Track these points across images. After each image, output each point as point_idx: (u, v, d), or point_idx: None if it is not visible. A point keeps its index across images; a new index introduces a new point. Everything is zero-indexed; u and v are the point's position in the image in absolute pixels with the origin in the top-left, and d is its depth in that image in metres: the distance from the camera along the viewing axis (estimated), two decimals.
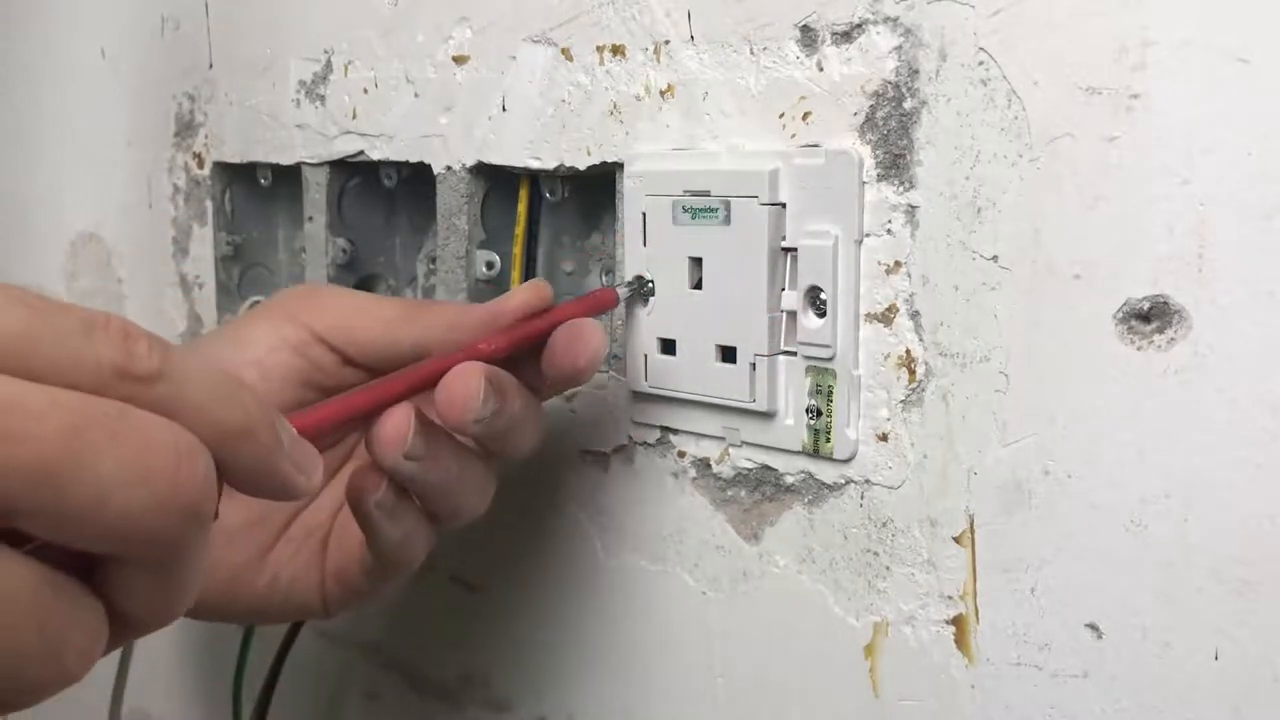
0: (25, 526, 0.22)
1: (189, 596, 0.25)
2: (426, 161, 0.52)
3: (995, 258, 0.36)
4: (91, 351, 0.23)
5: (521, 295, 0.39)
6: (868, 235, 0.38)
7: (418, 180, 0.54)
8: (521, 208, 0.50)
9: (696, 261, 0.42)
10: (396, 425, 0.35)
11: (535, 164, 0.48)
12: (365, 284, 0.59)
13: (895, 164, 0.37)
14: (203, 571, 0.25)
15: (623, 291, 0.43)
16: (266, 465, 0.26)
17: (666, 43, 0.43)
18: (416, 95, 0.52)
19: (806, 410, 0.40)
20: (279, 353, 0.39)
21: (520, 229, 0.50)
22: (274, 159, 0.60)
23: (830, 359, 0.39)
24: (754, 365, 0.40)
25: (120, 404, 0.23)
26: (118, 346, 0.23)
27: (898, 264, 0.38)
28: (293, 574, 0.41)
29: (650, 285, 0.43)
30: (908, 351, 0.38)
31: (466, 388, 0.35)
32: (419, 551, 0.39)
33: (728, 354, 0.41)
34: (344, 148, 0.56)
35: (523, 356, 0.39)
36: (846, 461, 0.40)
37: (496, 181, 0.51)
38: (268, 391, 0.38)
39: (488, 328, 0.38)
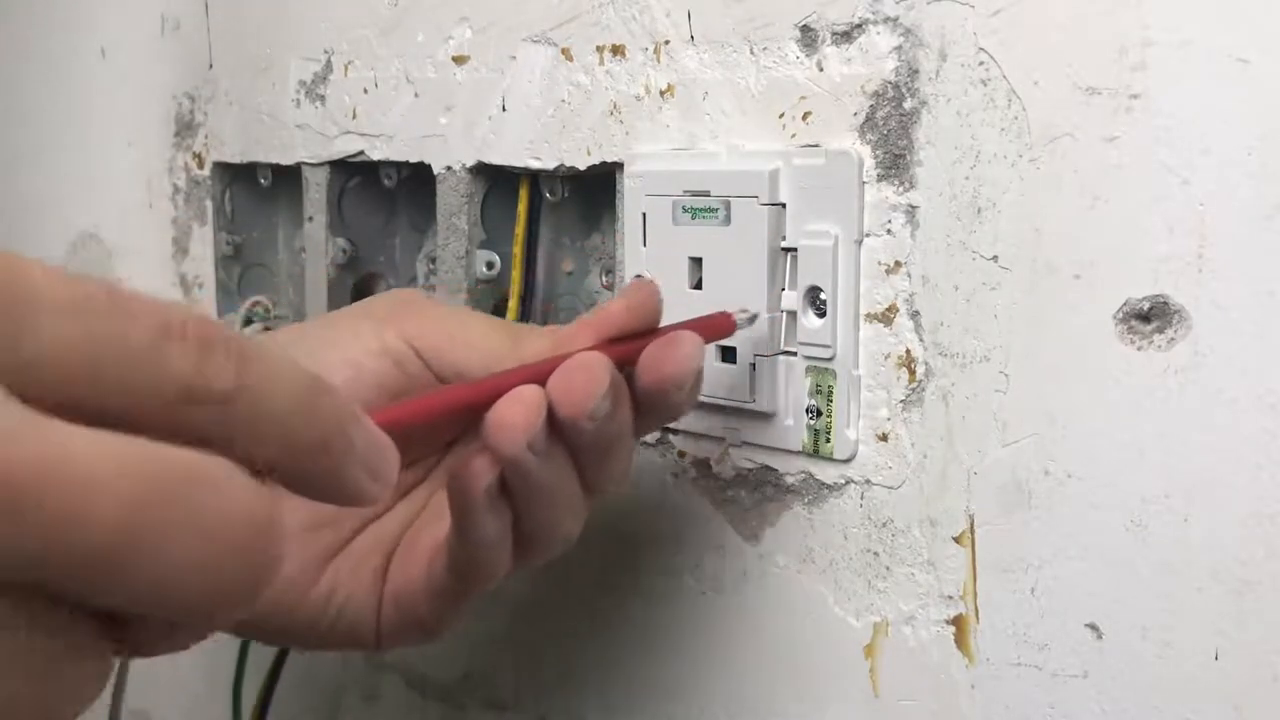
0: (65, 595, 0.19)
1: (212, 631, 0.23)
2: (426, 161, 0.52)
3: (995, 258, 0.36)
4: (163, 371, 0.19)
5: (623, 298, 0.35)
6: (868, 235, 0.38)
7: (418, 180, 0.54)
8: (521, 208, 0.50)
9: (696, 261, 0.42)
10: (528, 410, 0.31)
11: (535, 164, 0.48)
12: (365, 284, 0.59)
13: (895, 164, 0.37)
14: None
15: (740, 318, 0.39)
16: (336, 477, 0.23)
17: (666, 43, 0.43)
18: (416, 95, 0.52)
19: (806, 410, 0.40)
20: (378, 359, 0.36)
21: (520, 229, 0.50)
22: (274, 159, 0.60)
23: (830, 359, 0.39)
24: (754, 365, 0.40)
25: (193, 466, 0.19)
26: (192, 362, 0.20)
27: (898, 264, 0.38)
28: (350, 591, 0.37)
29: (754, 317, 0.40)
30: (908, 351, 0.38)
31: (591, 375, 0.32)
32: (500, 566, 0.35)
33: (728, 354, 0.41)
34: (344, 148, 0.56)
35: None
36: (846, 462, 0.40)
37: (496, 181, 0.51)
38: (356, 396, 0.33)
39: (597, 334, 0.34)
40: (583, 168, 0.46)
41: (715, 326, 0.38)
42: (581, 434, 0.32)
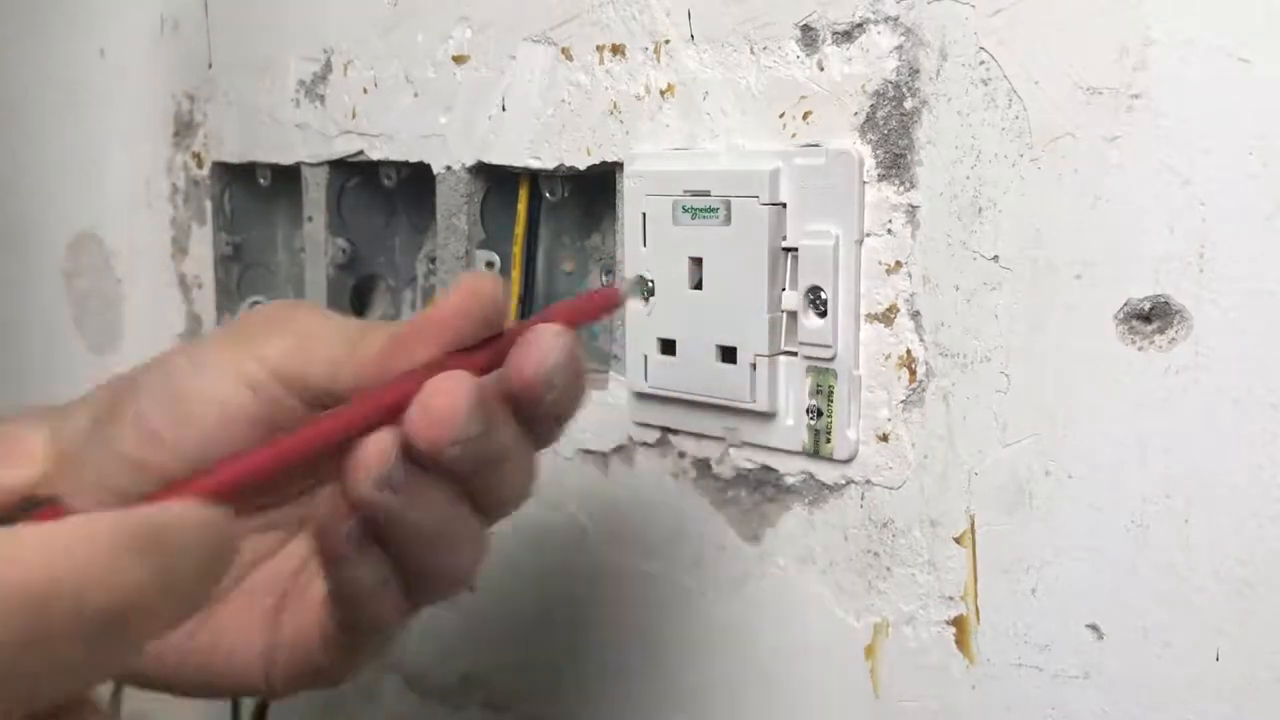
0: None
1: None
2: (426, 161, 0.52)
3: (996, 258, 0.36)
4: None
5: (455, 296, 0.31)
6: (868, 235, 0.38)
7: (418, 180, 0.54)
8: (521, 208, 0.50)
9: (696, 261, 0.42)
10: (379, 448, 0.29)
11: (535, 164, 0.48)
12: (365, 284, 0.59)
13: (896, 164, 0.37)
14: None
15: (625, 286, 0.39)
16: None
17: (667, 42, 0.43)
18: (416, 95, 0.52)
19: (807, 410, 0.40)
20: (240, 393, 0.32)
21: (520, 229, 0.50)
22: (274, 159, 0.60)
23: (831, 359, 0.39)
24: (754, 365, 0.40)
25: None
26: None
27: (898, 264, 0.38)
28: (237, 633, 0.35)
29: (651, 285, 0.43)
30: (908, 352, 0.38)
31: (450, 399, 0.29)
32: (387, 613, 0.33)
33: (728, 354, 0.41)
34: (344, 147, 0.56)
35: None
36: (847, 462, 0.40)
37: (496, 181, 0.51)
38: (229, 440, 0.32)
39: (435, 340, 0.31)
40: (583, 167, 0.46)
41: (595, 304, 0.34)
42: (454, 461, 0.30)
